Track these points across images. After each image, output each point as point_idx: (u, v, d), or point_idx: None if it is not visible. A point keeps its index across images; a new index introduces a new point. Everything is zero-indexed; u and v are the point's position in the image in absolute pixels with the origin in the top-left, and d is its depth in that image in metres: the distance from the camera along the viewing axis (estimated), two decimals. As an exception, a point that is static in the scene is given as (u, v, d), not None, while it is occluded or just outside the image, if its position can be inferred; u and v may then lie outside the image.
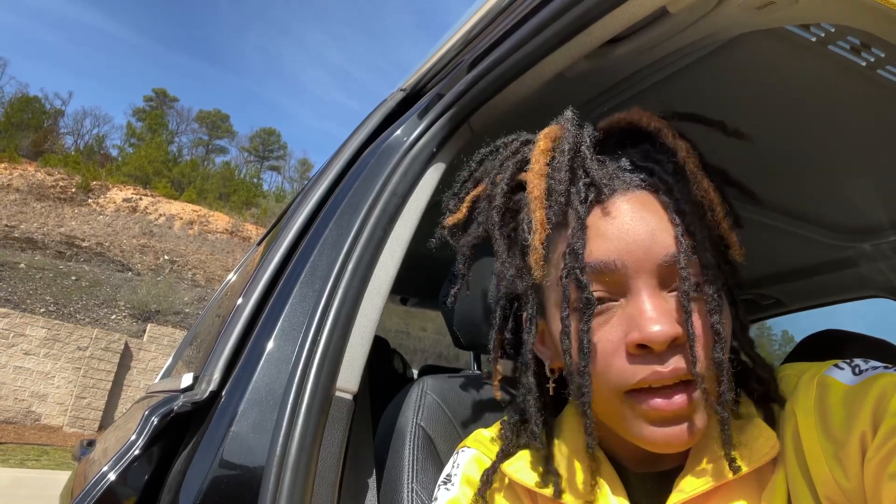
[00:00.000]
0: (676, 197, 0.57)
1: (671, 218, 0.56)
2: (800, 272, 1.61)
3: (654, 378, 0.52)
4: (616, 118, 0.65)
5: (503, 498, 0.68)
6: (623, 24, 0.71)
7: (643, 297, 0.54)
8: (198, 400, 0.77)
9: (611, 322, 0.55)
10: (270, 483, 0.65)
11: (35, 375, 12.77)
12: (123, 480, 0.76)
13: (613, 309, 0.56)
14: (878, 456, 0.46)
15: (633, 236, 0.55)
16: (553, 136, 0.64)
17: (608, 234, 0.56)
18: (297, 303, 0.81)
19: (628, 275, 0.55)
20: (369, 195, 0.86)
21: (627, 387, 0.54)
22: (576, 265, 0.55)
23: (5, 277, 16.52)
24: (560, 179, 0.59)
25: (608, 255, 0.55)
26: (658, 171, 0.58)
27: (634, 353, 0.53)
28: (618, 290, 0.56)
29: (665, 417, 0.53)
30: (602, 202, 0.58)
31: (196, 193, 37.29)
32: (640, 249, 0.55)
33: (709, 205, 0.58)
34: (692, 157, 0.59)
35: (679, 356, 0.53)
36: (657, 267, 0.55)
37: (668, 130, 0.61)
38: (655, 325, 0.52)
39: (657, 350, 0.52)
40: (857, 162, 1.07)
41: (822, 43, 0.78)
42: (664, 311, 0.53)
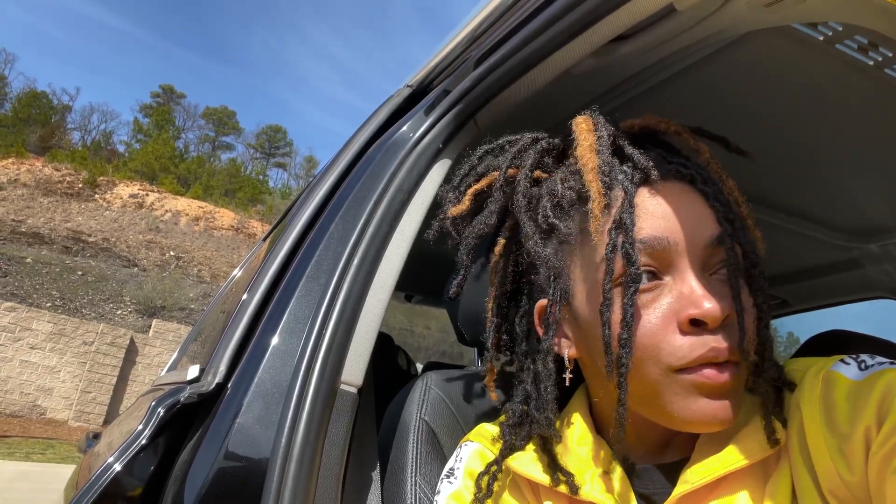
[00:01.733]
0: (713, 189, 0.59)
1: (711, 205, 0.58)
2: (806, 272, 1.61)
3: (712, 354, 0.53)
4: (629, 123, 0.67)
5: (506, 491, 0.68)
6: (630, 21, 0.71)
7: (692, 276, 0.55)
8: (204, 391, 0.78)
9: (659, 300, 0.56)
10: (275, 475, 0.65)
11: (41, 370, 12.84)
12: (129, 471, 0.76)
13: (661, 287, 0.56)
14: (883, 451, 0.46)
15: (680, 216, 0.57)
16: (590, 121, 0.65)
17: (657, 213, 0.58)
18: (302, 297, 0.82)
19: (678, 252, 0.56)
20: (375, 190, 0.87)
21: (682, 364, 0.54)
22: (625, 239, 0.56)
23: (12, 272, 16.60)
24: (606, 159, 0.60)
25: (660, 232, 0.56)
26: (691, 166, 0.60)
27: (687, 330, 0.54)
28: (665, 268, 0.57)
29: (716, 389, 0.53)
30: (649, 184, 0.59)
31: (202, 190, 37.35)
32: (688, 228, 0.56)
33: (735, 202, 0.60)
34: (715, 159, 0.62)
35: (728, 334, 0.54)
36: (703, 248, 0.56)
37: (689, 134, 0.63)
38: (710, 302, 0.53)
39: (711, 326, 0.53)
40: (863, 162, 1.07)
41: (830, 42, 0.77)
42: (714, 290, 0.55)
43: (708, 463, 0.56)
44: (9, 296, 14.84)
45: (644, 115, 0.67)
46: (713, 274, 0.57)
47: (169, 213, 28.59)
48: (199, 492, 0.69)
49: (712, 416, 0.54)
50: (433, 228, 0.76)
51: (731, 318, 0.54)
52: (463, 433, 0.81)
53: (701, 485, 0.55)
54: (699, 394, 0.54)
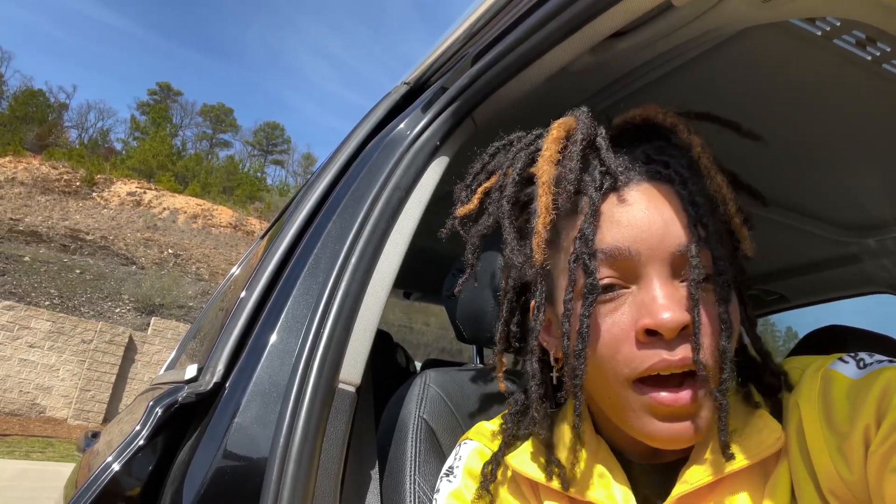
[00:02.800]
0: (690, 189, 0.57)
1: (685, 208, 0.56)
2: (804, 268, 1.61)
3: (663, 365, 0.53)
4: (631, 114, 0.66)
5: (506, 489, 0.68)
6: (627, 17, 0.71)
7: (655, 284, 0.55)
8: (202, 391, 0.78)
9: (621, 309, 0.56)
10: (274, 474, 0.65)
11: (40, 368, 12.83)
12: (128, 471, 0.76)
13: (625, 296, 0.56)
14: (882, 449, 0.46)
15: (646, 224, 0.56)
16: (567, 126, 0.64)
17: (622, 222, 0.57)
18: (300, 295, 0.82)
19: (641, 262, 0.55)
20: (373, 188, 0.86)
21: (636, 374, 0.54)
22: (584, 250, 0.56)
23: (10, 270, 16.58)
24: (572, 167, 0.60)
25: (622, 242, 0.56)
26: (673, 164, 0.59)
27: (643, 340, 0.54)
28: (630, 278, 0.56)
29: (671, 413, 0.53)
30: (617, 190, 0.58)
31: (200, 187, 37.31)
32: (653, 237, 0.55)
33: (721, 199, 0.59)
34: (706, 152, 0.60)
35: (687, 345, 0.53)
36: (670, 255, 0.55)
37: (684, 126, 0.62)
38: (666, 312, 0.52)
39: (667, 337, 0.53)
40: (861, 157, 1.07)
41: (828, 37, 0.77)
42: (675, 299, 0.54)
43: (706, 464, 0.56)
44: (7, 294, 14.83)
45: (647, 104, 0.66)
46: (683, 280, 0.55)
47: (167, 210, 28.56)
48: (198, 491, 0.69)
49: (669, 438, 0.54)
50: (446, 227, 0.76)
51: (691, 329, 0.53)
52: (462, 431, 0.81)
53: (700, 485, 0.55)
54: (654, 416, 0.54)
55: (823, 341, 1.32)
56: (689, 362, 0.53)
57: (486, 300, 0.91)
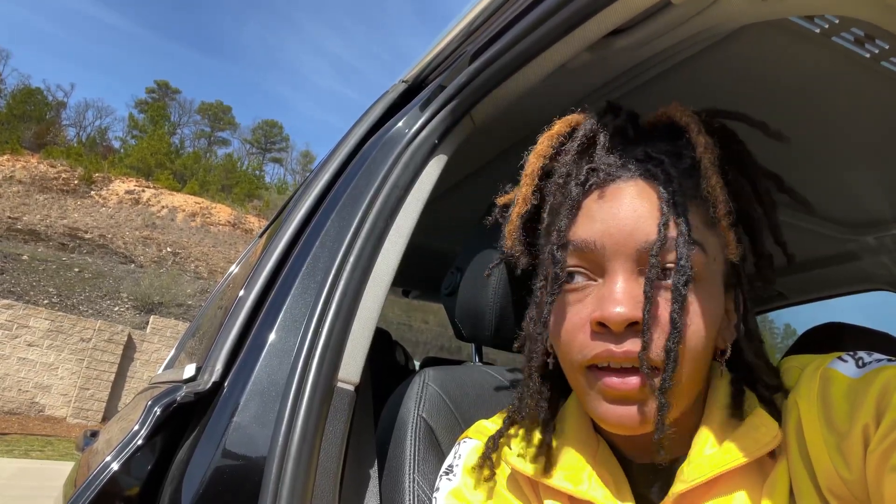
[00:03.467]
0: (674, 188, 0.58)
1: (660, 207, 0.57)
2: (802, 265, 1.61)
3: (606, 356, 0.55)
4: (658, 113, 0.67)
5: (505, 487, 0.68)
6: (626, 15, 0.71)
7: (617, 279, 0.56)
8: (200, 390, 0.78)
9: (584, 301, 0.58)
10: (272, 473, 0.65)
11: (39, 367, 12.83)
12: (127, 470, 0.76)
13: (590, 288, 0.59)
14: (881, 448, 0.46)
15: (617, 220, 0.58)
16: (572, 122, 0.67)
17: (595, 217, 0.59)
18: (298, 294, 0.82)
19: (606, 256, 0.57)
20: (371, 187, 0.86)
21: (585, 361, 0.57)
22: (555, 241, 0.59)
23: (8, 269, 16.57)
24: (564, 163, 0.62)
25: (589, 235, 0.58)
26: (666, 163, 0.59)
27: (596, 331, 0.56)
28: (597, 271, 0.59)
29: (618, 396, 0.56)
30: (601, 187, 0.60)
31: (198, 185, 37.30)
32: (621, 233, 0.57)
33: (712, 201, 0.59)
34: (709, 152, 0.60)
35: (635, 339, 0.55)
36: (636, 252, 0.56)
37: (695, 126, 0.62)
38: (617, 307, 0.54)
39: (614, 330, 0.55)
40: (860, 154, 1.07)
41: (826, 34, 0.77)
42: (631, 295, 0.55)
43: (705, 461, 0.56)
44: (6, 293, 14.82)
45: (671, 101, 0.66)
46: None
47: (165, 209, 28.55)
48: (197, 490, 0.69)
49: (618, 421, 0.57)
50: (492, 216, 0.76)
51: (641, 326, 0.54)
52: (461, 430, 0.81)
53: (698, 483, 0.55)
54: (603, 398, 0.57)
55: (821, 339, 1.32)
56: (632, 356, 0.54)
57: (485, 298, 0.91)
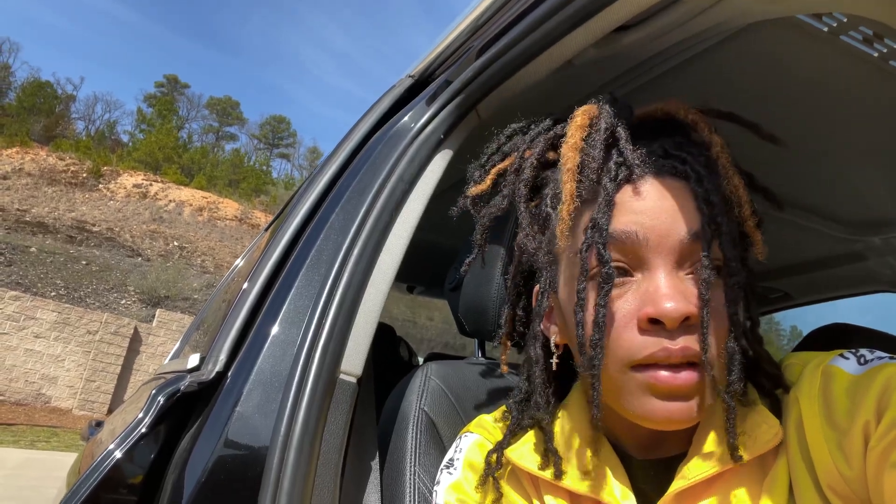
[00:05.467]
0: (706, 187, 0.57)
1: (698, 206, 0.56)
2: (808, 265, 1.60)
3: (663, 354, 0.52)
4: (654, 107, 0.66)
5: (506, 483, 0.68)
6: (633, 10, 0.70)
7: (660, 273, 0.55)
8: (204, 380, 0.78)
9: (625, 297, 0.56)
10: (274, 463, 0.66)
11: (45, 358, 12.91)
12: (130, 458, 0.77)
13: (630, 284, 0.56)
14: (881, 445, 0.46)
15: (657, 213, 0.56)
16: (591, 113, 0.64)
17: (634, 209, 0.57)
18: (302, 287, 0.82)
19: (649, 248, 0.55)
20: (376, 181, 0.86)
21: (634, 360, 0.54)
22: (598, 239, 0.56)
23: (17, 261, 16.67)
24: (594, 156, 0.59)
25: (630, 226, 0.56)
26: (690, 161, 0.58)
27: (646, 328, 0.54)
28: (636, 265, 0.56)
29: (669, 392, 0.53)
30: (633, 182, 0.58)
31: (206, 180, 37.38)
32: (663, 226, 0.55)
33: (737, 201, 0.59)
34: (725, 152, 0.60)
35: (690, 336, 0.53)
36: (678, 246, 0.55)
37: (705, 124, 0.62)
38: (669, 302, 0.52)
39: (669, 326, 0.52)
40: (867, 154, 1.06)
41: (834, 33, 0.77)
42: (680, 290, 0.53)
43: (705, 458, 0.56)
44: (14, 285, 14.91)
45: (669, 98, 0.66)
46: (690, 273, 0.55)
47: (173, 203, 28.64)
48: (199, 479, 0.69)
49: (666, 417, 0.53)
50: (457, 205, 0.76)
51: (695, 320, 0.53)
52: (462, 424, 0.82)
53: (698, 480, 0.55)
54: (652, 394, 0.54)
55: (827, 340, 1.31)
56: (691, 354, 0.52)
57: (489, 294, 0.91)
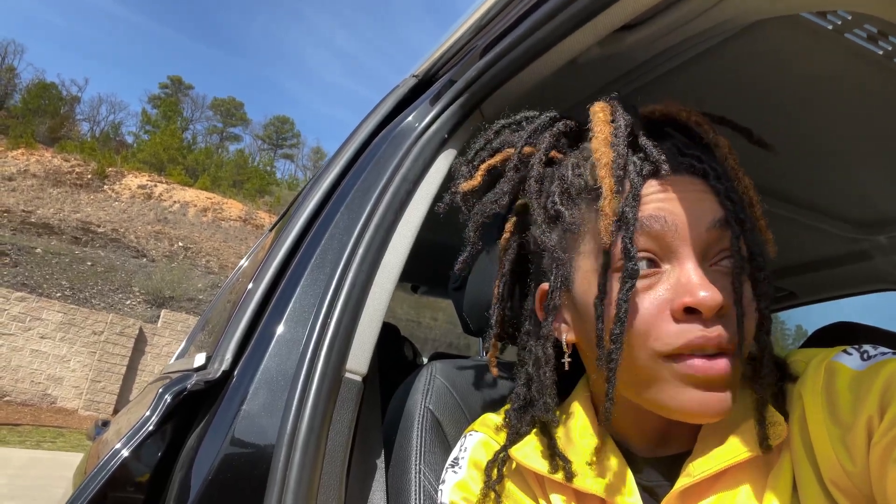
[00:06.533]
0: (725, 185, 0.57)
1: (721, 201, 0.56)
2: (814, 264, 1.60)
3: (700, 342, 0.52)
4: (651, 108, 0.65)
5: (511, 482, 0.68)
6: (636, 10, 0.70)
7: (689, 265, 0.55)
8: (210, 379, 0.78)
9: (655, 287, 0.55)
10: (280, 461, 0.66)
11: (51, 359, 12.96)
12: (137, 457, 0.77)
13: (659, 275, 0.56)
14: (885, 440, 0.46)
15: (683, 203, 0.56)
16: (609, 110, 0.64)
17: (660, 198, 0.57)
18: (308, 286, 0.82)
19: (677, 236, 0.55)
20: (380, 180, 0.87)
21: (670, 350, 0.53)
22: (625, 233, 0.55)
23: (22, 262, 16.73)
24: (620, 152, 0.59)
25: (660, 212, 0.56)
26: (706, 160, 0.59)
27: (681, 318, 0.53)
28: (664, 255, 0.56)
29: (706, 381, 0.53)
30: (657, 177, 0.58)
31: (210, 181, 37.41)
32: (689, 215, 0.55)
33: (749, 201, 0.59)
34: (733, 154, 0.60)
35: (724, 326, 0.53)
36: (705, 234, 0.55)
37: (709, 126, 0.62)
38: (706, 291, 0.52)
39: (706, 316, 0.52)
40: (872, 152, 1.06)
41: (839, 31, 0.77)
42: (712, 280, 0.54)
43: (710, 456, 0.56)
44: (19, 286, 14.96)
45: (665, 100, 0.66)
46: (714, 265, 0.56)
47: (177, 203, 28.71)
48: (206, 478, 0.70)
49: (703, 407, 0.53)
50: (444, 201, 0.75)
51: (728, 310, 0.53)
52: (467, 422, 0.82)
53: (703, 477, 0.55)
54: (688, 384, 0.53)
55: (832, 338, 1.31)
56: (726, 343, 0.52)
57: (492, 292, 0.91)
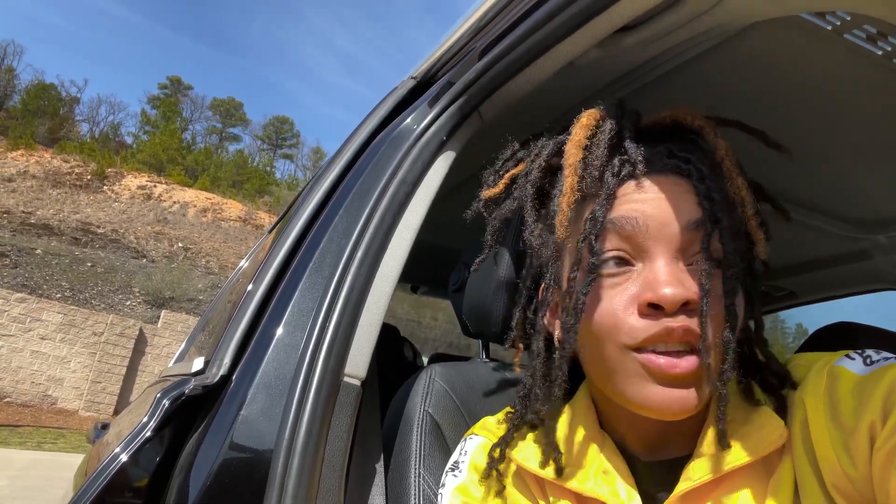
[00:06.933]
0: (708, 185, 0.58)
1: (699, 201, 0.58)
2: (814, 264, 1.59)
3: (664, 334, 0.54)
4: (663, 115, 0.67)
5: (511, 484, 0.68)
6: (636, 11, 0.70)
7: (660, 262, 0.56)
8: (208, 384, 0.78)
9: (625, 284, 0.57)
10: (279, 466, 0.66)
11: (51, 360, 12.96)
12: (135, 461, 0.77)
13: (630, 272, 0.58)
14: (887, 446, 0.46)
15: (658, 203, 0.58)
16: (596, 115, 0.66)
17: (635, 199, 0.59)
18: (306, 289, 0.82)
19: (648, 235, 0.57)
20: (379, 183, 0.87)
21: (634, 342, 0.55)
22: (593, 231, 0.58)
23: (22, 263, 16.73)
24: (598, 154, 0.61)
25: (632, 213, 0.58)
26: (694, 161, 0.60)
27: (646, 313, 0.55)
28: (637, 254, 0.58)
29: (669, 377, 0.54)
30: (635, 178, 0.60)
31: (210, 181, 37.43)
32: (663, 215, 0.57)
33: (740, 201, 0.60)
34: (730, 156, 0.61)
35: (690, 320, 0.54)
36: (678, 234, 0.56)
37: (711, 130, 0.63)
38: (668, 288, 0.53)
39: (668, 311, 0.54)
40: (872, 152, 1.06)
41: (838, 32, 0.76)
42: (679, 278, 0.55)
43: (710, 460, 0.56)
44: (19, 287, 14.96)
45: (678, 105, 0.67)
46: (691, 264, 0.57)
47: (177, 204, 28.72)
48: (204, 483, 0.70)
49: (665, 404, 0.54)
50: (472, 209, 0.78)
51: (694, 307, 0.54)
52: (467, 425, 0.82)
53: (704, 481, 0.55)
54: (652, 380, 0.55)
55: (832, 338, 1.31)
56: (691, 337, 0.53)
57: (491, 295, 0.91)
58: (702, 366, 0.54)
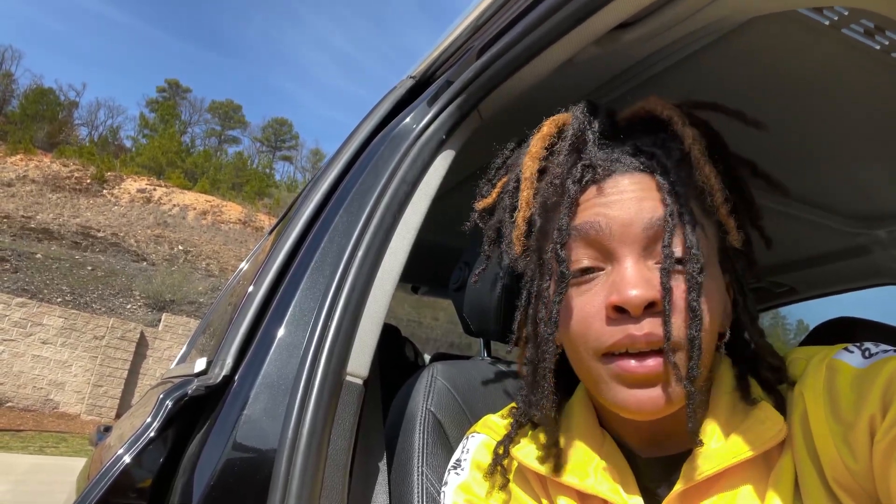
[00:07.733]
0: (672, 180, 0.58)
1: (663, 198, 0.58)
2: (813, 259, 1.59)
3: (628, 341, 0.54)
4: (637, 107, 0.67)
5: (513, 482, 0.68)
6: (633, 8, 0.70)
7: (626, 264, 0.56)
8: (211, 384, 0.78)
9: (593, 289, 0.58)
10: (282, 466, 0.66)
11: (53, 364, 12.96)
12: (139, 463, 0.77)
13: (598, 277, 0.58)
14: (887, 438, 0.46)
15: (621, 204, 0.58)
16: (559, 122, 0.67)
17: (598, 204, 0.59)
18: (307, 289, 0.82)
19: (613, 238, 0.57)
20: (379, 182, 0.87)
21: (603, 349, 0.56)
22: (559, 240, 0.59)
23: (22, 267, 16.72)
24: (558, 162, 0.62)
25: (594, 218, 0.58)
26: (659, 156, 0.60)
27: (612, 317, 0.56)
28: (604, 257, 0.58)
29: (637, 379, 0.55)
30: (597, 182, 0.60)
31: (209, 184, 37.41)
32: (626, 215, 0.57)
33: (708, 190, 0.60)
34: (697, 143, 0.61)
35: (655, 322, 0.54)
36: (642, 233, 0.57)
37: (679, 118, 0.63)
38: (633, 289, 0.54)
39: (633, 313, 0.54)
40: (870, 147, 1.06)
41: (836, 26, 0.77)
42: (645, 278, 0.55)
43: (711, 455, 0.56)
44: (20, 291, 14.95)
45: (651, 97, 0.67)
46: (658, 263, 0.57)
47: (177, 207, 28.71)
48: (208, 483, 0.70)
49: (638, 405, 0.55)
50: (470, 220, 0.79)
51: (659, 307, 0.54)
52: (469, 424, 0.82)
53: (704, 477, 0.55)
54: (622, 383, 0.56)
55: (833, 333, 1.31)
56: (655, 340, 0.54)
57: (492, 294, 0.92)
58: (670, 365, 0.54)
